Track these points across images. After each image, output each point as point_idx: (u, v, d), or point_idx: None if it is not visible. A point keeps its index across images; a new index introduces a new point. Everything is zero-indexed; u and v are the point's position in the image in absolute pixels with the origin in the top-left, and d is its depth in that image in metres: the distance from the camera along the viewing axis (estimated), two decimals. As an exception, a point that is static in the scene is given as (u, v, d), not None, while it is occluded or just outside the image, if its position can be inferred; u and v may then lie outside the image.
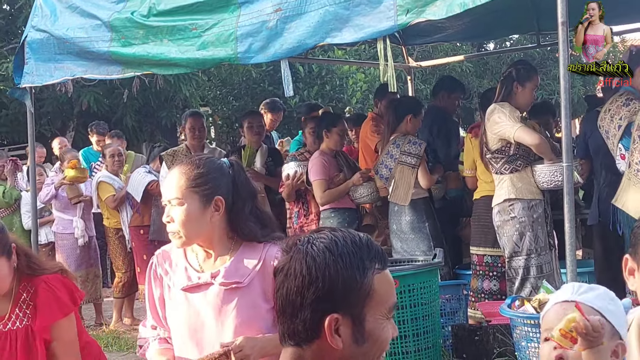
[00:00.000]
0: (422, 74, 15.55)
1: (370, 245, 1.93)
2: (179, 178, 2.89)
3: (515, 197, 5.90)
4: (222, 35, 5.60)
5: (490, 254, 6.52)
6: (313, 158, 6.98)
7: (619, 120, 5.67)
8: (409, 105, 7.15)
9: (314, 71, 15.27)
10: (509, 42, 17.25)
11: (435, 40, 9.89)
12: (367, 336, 1.89)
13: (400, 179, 6.76)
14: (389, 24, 5.03)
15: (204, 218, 2.88)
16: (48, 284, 3.43)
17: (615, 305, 2.01)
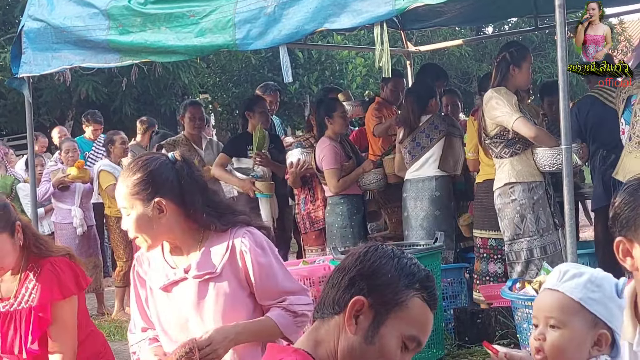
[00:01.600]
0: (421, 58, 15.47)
1: (428, 279, 2.00)
2: (121, 187, 2.91)
3: (515, 180, 5.91)
4: (220, 21, 5.59)
5: (494, 237, 6.52)
6: (323, 146, 6.92)
7: (624, 94, 5.71)
8: (428, 90, 7.15)
9: (314, 57, 15.26)
10: (507, 25, 17.22)
11: (434, 25, 9.86)
12: (377, 339, 1.93)
13: (449, 148, 6.83)
14: (387, 9, 5.02)
15: (154, 221, 2.88)
16: (53, 264, 3.44)
17: (602, 291, 1.99)
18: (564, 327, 2.00)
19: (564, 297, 2.01)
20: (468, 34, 16.24)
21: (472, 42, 15.77)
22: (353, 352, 1.94)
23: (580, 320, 2.00)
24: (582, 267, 2.07)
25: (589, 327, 2.00)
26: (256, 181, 7.09)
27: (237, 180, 7.19)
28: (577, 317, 2.00)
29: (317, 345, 1.99)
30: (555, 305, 2.02)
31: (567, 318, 2.00)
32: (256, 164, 7.13)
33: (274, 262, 2.94)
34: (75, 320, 3.48)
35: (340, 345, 1.95)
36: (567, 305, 2.00)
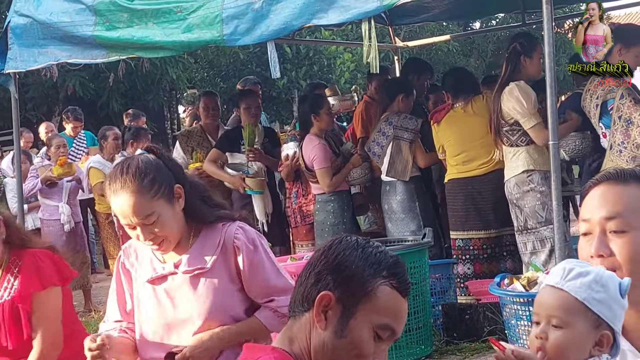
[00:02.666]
0: (409, 54, 15.50)
1: (397, 265, 1.99)
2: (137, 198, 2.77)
3: (533, 167, 5.90)
4: (207, 17, 5.57)
5: (461, 237, 6.56)
6: (312, 145, 6.86)
7: (596, 99, 5.72)
8: (400, 85, 7.17)
9: (302, 52, 15.25)
10: (494, 20, 17.24)
11: (422, 20, 9.87)
12: (348, 332, 1.92)
13: (397, 154, 6.80)
14: (374, 5, 5.03)
15: (175, 214, 2.87)
16: (34, 255, 3.46)
17: (606, 292, 1.98)
18: (566, 327, 1.99)
19: (568, 296, 1.99)
20: (456, 29, 16.26)
21: (460, 37, 15.78)
22: (325, 348, 1.93)
23: (583, 320, 1.98)
24: (587, 265, 2.06)
25: (591, 327, 1.98)
26: (246, 178, 7.07)
27: (228, 177, 7.17)
28: (581, 317, 1.98)
29: (291, 342, 1.99)
30: (558, 305, 2.00)
31: (571, 318, 1.98)
32: (249, 160, 7.11)
33: (265, 259, 2.93)
34: (59, 312, 3.47)
35: (313, 341, 1.95)
36: (571, 305, 1.99)
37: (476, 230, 6.49)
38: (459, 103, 6.62)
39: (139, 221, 2.78)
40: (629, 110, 5.43)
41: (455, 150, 6.61)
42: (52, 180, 8.61)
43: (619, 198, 2.09)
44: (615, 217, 2.06)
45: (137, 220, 2.78)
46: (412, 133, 6.83)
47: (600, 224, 2.07)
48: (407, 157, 6.80)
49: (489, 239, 6.48)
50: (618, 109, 5.46)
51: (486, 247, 6.49)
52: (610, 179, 2.12)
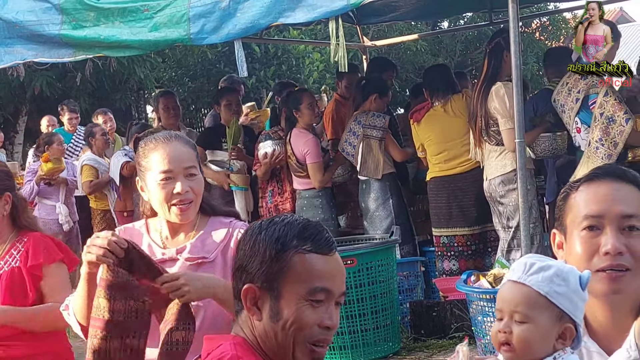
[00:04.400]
0: (378, 53, 15.56)
1: (306, 229, 1.97)
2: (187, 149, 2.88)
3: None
4: (174, 16, 5.56)
5: (446, 234, 6.62)
6: (305, 140, 6.86)
7: (577, 93, 5.77)
8: (375, 85, 7.20)
9: (270, 51, 15.22)
10: (462, 20, 17.31)
11: (390, 20, 9.90)
12: (282, 314, 1.93)
13: (368, 153, 6.84)
14: (341, 4, 5.05)
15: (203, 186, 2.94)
16: (43, 236, 3.55)
17: (567, 285, 2.00)
18: (530, 321, 2.00)
19: (530, 291, 2.01)
20: (424, 28, 16.30)
21: (428, 36, 15.84)
22: (268, 335, 1.95)
23: (546, 314, 2.00)
24: (548, 260, 2.07)
25: (554, 320, 2.00)
26: (231, 174, 7.05)
27: (212, 173, 7.13)
28: (543, 311, 2.00)
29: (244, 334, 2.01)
30: (521, 299, 2.02)
31: (534, 312, 2.00)
32: (232, 158, 7.09)
33: None
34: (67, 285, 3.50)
35: (257, 333, 1.96)
36: (533, 299, 2.00)
37: (460, 227, 6.57)
38: (438, 102, 6.67)
39: (185, 169, 2.82)
40: (612, 108, 5.50)
41: (436, 149, 6.67)
42: (44, 179, 8.53)
43: (633, 197, 2.09)
44: (633, 215, 2.06)
45: (183, 167, 2.82)
46: (381, 130, 6.86)
47: (617, 220, 2.06)
48: (378, 155, 6.84)
49: (473, 235, 6.56)
50: (601, 105, 5.51)
51: (470, 243, 6.56)
52: (616, 177, 2.11)
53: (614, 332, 2.10)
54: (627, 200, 2.08)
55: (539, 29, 18.89)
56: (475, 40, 18.35)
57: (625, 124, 5.43)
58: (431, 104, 6.73)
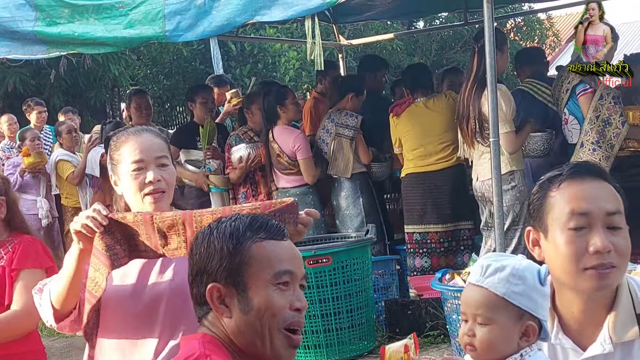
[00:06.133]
0: (354, 51, 15.58)
1: (255, 220, 2.03)
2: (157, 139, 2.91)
3: (516, 168, 5.93)
4: (149, 13, 5.53)
5: (419, 231, 6.64)
6: (295, 136, 6.84)
7: (567, 84, 5.84)
8: (352, 83, 7.22)
9: (246, 49, 15.19)
10: (438, 19, 17.39)
11: (366, 19, 9.93)
12: (252, 304, 1.95)
13: (339, 151, 6.86)
14: (317, 2, 5.04)
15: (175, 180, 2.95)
16: (34, 240, 3.60)
17: (524, 283, 2.03)
18: (491, 323, 2.03)
19: (488, 293, 2.03)
20: (400, 28, 16.34)
21: (404, 36, 15.88)
22: (241, 329, 1.96)
23: (506, 314, 2.03)
24: (504, 259, 2.09)
25: (515, 320, 2.03)
26: (210, 175, 6.99)
27: (190, 174, 7.07)
28: (503, 312, 2.03)
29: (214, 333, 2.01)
30: (480, 302, 2.05)
31: (494, 314, 2.03)
32: (207, 158, 7.03)
33: None
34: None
35: (229, 331, 1.97)
36: (492, 302, 2.03)
37: (433, 223, 6.60)
38: (420, 98, 6.70)
39: (156, 159, 2.84)
40: (608, 111, 5.57)
41: (413, 145, 6.69)
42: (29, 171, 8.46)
43: (612, 194, 2.11)
44: (616, 212, 2.08)
45: (154, 157, 2.84)
46: (353, 130, 6.89)
47: (603, 218, 2.07)
48: (348, 154, 6.85)
49: (446, 232, 6.59)
50: (596, 108, 5.60)
51: (443, 240, 6.59)
52: (595, 175, 2.13)
53: (590, 327, 2.13)
54: (609, 198, 2.11)
55: (513, 30, 18.99)
56: (450, 39, 18.44)
57: (621, 126, 5.54)
58: (413, 99, 6.76)
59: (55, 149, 9.04)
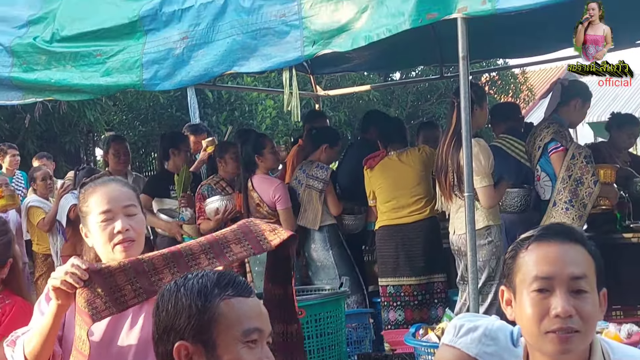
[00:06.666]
0: (331, 101, 15.69)
1: (222, 276, 2.01)
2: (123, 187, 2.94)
3: (493, 223, 5.91)
4: (127, 61, 5.54)
5: (392, 283, 6.62)
6: (275, 185, 6.81)
7: (539, 141, 5.90)
8: (326, 135, 7.24)
9: (223, 97, 15.23)
10: (414, 72, 17.56)
11: (343, 70, 10.02)
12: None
13: (308, 202, 6.85)
14: (295, 55, 5.06)
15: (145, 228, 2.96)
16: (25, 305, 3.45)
17: (497, 344, 2.03)
18: None
19: (461, 353, 2.03)
20: (376, 79, 16.50)
21: (380, 87, 16.02)
22: None
23: None
24: (477, 319, 2.09)
25: None
26: (184, 224, 6.92)
27: (164, 223, 7.00)
28: None
29: None
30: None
31: None
32: (182, 206, 6.97)
33: None
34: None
35: None
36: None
37: (407, 276, 6.58)
38: (394, 151, 6.74)
39: (124, 208, 2.86)
40: (580, 170, 5.64)
41: (387, 197, 6.71)
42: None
43: (581, 258, 2.11)
44: (582, 277, 2.08)
45: (121, 206, 2.85)
46: (322, 182, 6.89)
47: (567, 282, 2.07)
48: (317, 205, 6.85)
49: (420, 285, 6.57)
50: (568, 168, 5.67)
51: (417, 293, 6.57)
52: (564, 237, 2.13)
53: None
54: (576, 261, 2.10)
55: (488, 83, 19.21)
56: (426, 91, 18.61)
57: (593, 185, 5.60)
58: (387, 152, 6.78)
59: (29, 194, 8.97)
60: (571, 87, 6.17)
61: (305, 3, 4.96)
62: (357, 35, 4.78)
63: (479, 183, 5.72)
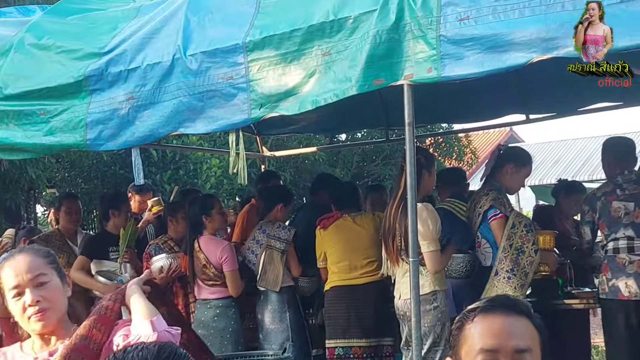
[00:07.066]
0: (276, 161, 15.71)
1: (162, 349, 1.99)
2: (34, 258, 2.94)
3: (439, 288, 5.90)
4: (71, 121, 5.48)
5: (341, 345, 6.57)
6: (222, 247, 6.74)
7: (479, 208, 5.93)
8: (280, 194, 7.22)
9: (168, 155, 15.13)
10: (360, 133, 17.71)
11: (290, 132, 10.06)
12: None
13: (269, 263, 6.79)
14: (242, 117, 5.06)
15: (64, 292, 2.97)
16: None
17: None
18: None
19: None
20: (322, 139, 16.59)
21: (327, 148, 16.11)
22: None
23: None
24: None
25: None
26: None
27: (102, 286, 6.86)
28: None
29: None
30: None
31: None
32: (124, 261, 6.87)
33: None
34: None
35: None
36: None
37: (357, 338, 6.55)
38: (347, 215, 6.78)
39: (31, 279, 2.86)
40: (521, 240, 5.68)
41: (340, 258, 6.71)
42: None
43: (526, 331, 2.11)
44: (526, 350, 2.08)
45: (29, 278, 2.86)
46: (285, 243, 6.86)
47: (512, 355, 2.07)
48: (279, 266, 6.81)
49: (370, 347, 6.55)
50: (509, 237, 5.71)
51: (366, 355, 6.54)
52: (509, 309, 2.13)
53: None
54: (520, 334, 2.10)
55: (432, 145, 19.44)
56: (371, 153, 18.75)
57: (534, 254, 5.65)
58: (341, 215, 6.82)
59: None
60: (506, 153, 6.23)
61: (253, 66, 4.98)
62: (305, 99, 4.79)
63: (427, 248, 5.73)
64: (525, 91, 7.85)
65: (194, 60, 5.15)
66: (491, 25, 4.15)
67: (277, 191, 7.43)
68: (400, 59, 4.43)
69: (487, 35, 4.15)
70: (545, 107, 8.21)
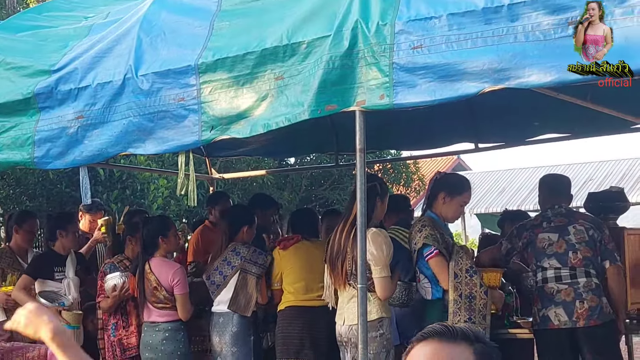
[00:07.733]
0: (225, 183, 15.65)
1: None
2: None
3: (385, 315, 5.86)
4: (18, 138, 5.41)
5: None
6: (174, 269, 6.66)
7: (414, 245, 5.91)
8: (243, 216, 7.13)
9: (115, 175, 14.98)
10: (309, 157, 17.73)
11: (239, 154, 10.03)
12: None
13: (242, 287, 6.70)
14: (193, 139, 5.03)
15: None
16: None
17: None
18: None
19: None
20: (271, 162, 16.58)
21: (276, 172, 16.10)
22: None
23: None
24: None
25: None
26: (63, 310, 6.68)
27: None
28: None
29: None
30: None
31: None
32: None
33: None
34: None
35: None
36: None
37: (310, 359, 6.50)
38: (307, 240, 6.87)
39: None
40: (467, 286, 5.63)
41: (297, 278, 6.70)
42: None
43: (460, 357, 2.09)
44: None
45: None
46: (261, 268, 6.81)
47: None
48: (252, 291, 6.73)
49: None
50: (456, 288, 5.64)
51: None
52: (442, 335, 2.13)
53: None
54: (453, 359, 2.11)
55: (380, 171, 19.54)
56: (320, 177, 18.77)
57: (485, 295, 5.62)
58: (301, 237, 6.88)
59: None
60: (439, 182, 6.19)
61: (205, 88, 4.96)
62: (256, 122, 4.78)
63: (379, 273, 5.72)
64: (475, 120, 7.95)
65: (146, 80, 5.12)
66: (444, 54, 4.18)
67: (240, 213, 7.36)
68: (353, 85, 4.45)
69: (439, 64, 4.19)
70: (495, 136, 8.33)
